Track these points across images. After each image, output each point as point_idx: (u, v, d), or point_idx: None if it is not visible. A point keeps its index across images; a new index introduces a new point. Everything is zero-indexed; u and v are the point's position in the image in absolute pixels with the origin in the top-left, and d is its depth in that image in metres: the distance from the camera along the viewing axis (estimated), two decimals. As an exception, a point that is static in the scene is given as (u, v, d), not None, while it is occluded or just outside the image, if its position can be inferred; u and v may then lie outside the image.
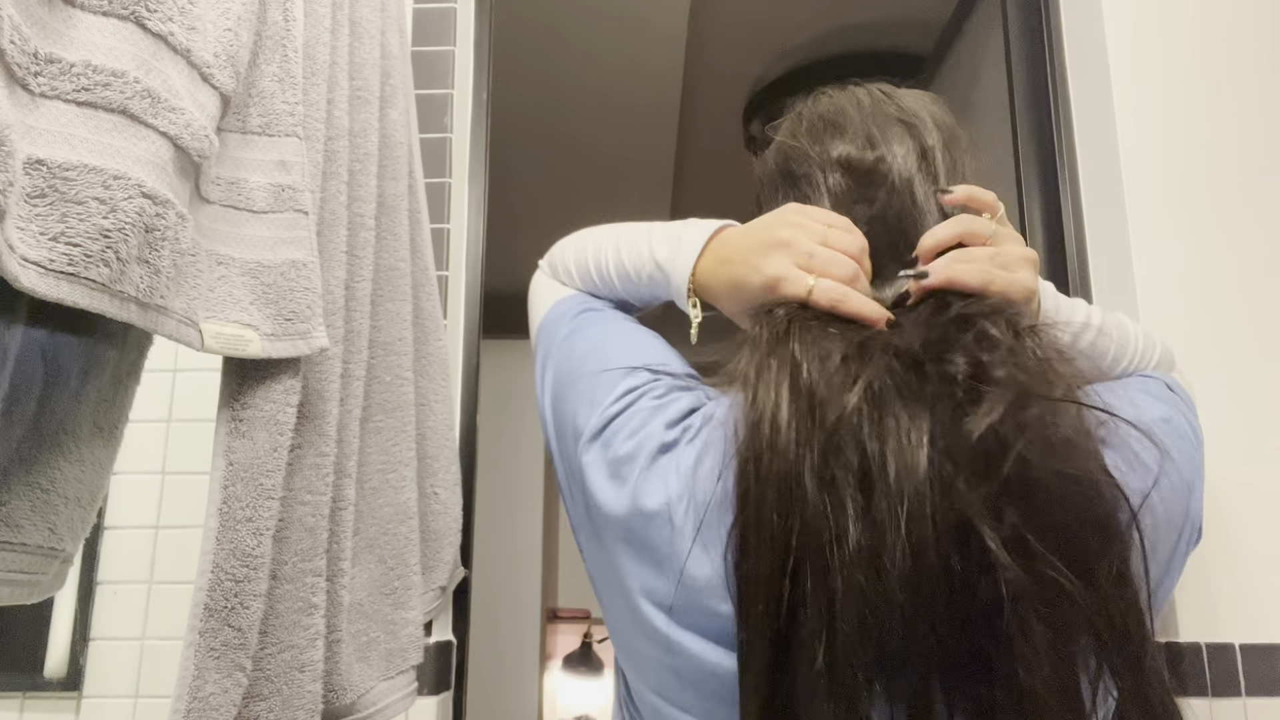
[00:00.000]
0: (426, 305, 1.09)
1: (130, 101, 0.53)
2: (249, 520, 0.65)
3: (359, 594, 0.88)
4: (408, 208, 1.04)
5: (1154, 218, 1.15)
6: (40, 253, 0.47)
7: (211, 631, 0.62)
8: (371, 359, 0.93)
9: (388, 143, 0.99)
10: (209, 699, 0.62)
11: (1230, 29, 1.21)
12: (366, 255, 0.90)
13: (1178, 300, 1.12)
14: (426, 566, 1.05)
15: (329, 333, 0.77)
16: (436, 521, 1.07)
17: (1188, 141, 1.17)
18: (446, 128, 1.30)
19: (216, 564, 0.63)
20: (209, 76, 0.61)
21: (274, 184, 0.71)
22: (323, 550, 0.75)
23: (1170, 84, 1.19)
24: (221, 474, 0.65)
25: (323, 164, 0.81)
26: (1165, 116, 1.18)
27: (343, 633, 0.81)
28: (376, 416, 0.94)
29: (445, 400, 1.12)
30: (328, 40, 0.83)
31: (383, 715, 0.88)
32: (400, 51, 1.07)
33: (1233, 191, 1.16)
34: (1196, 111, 1.18)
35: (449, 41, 1.33)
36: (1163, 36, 1.21)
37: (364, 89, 0.93)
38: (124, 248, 0.51)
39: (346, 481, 0.83)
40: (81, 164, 0.50)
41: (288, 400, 0.69)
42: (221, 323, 0.64)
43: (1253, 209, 1.15)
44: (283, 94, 0.72)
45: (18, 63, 0.47)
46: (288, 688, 0.70)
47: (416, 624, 0.96)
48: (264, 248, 0.69)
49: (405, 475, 0.97)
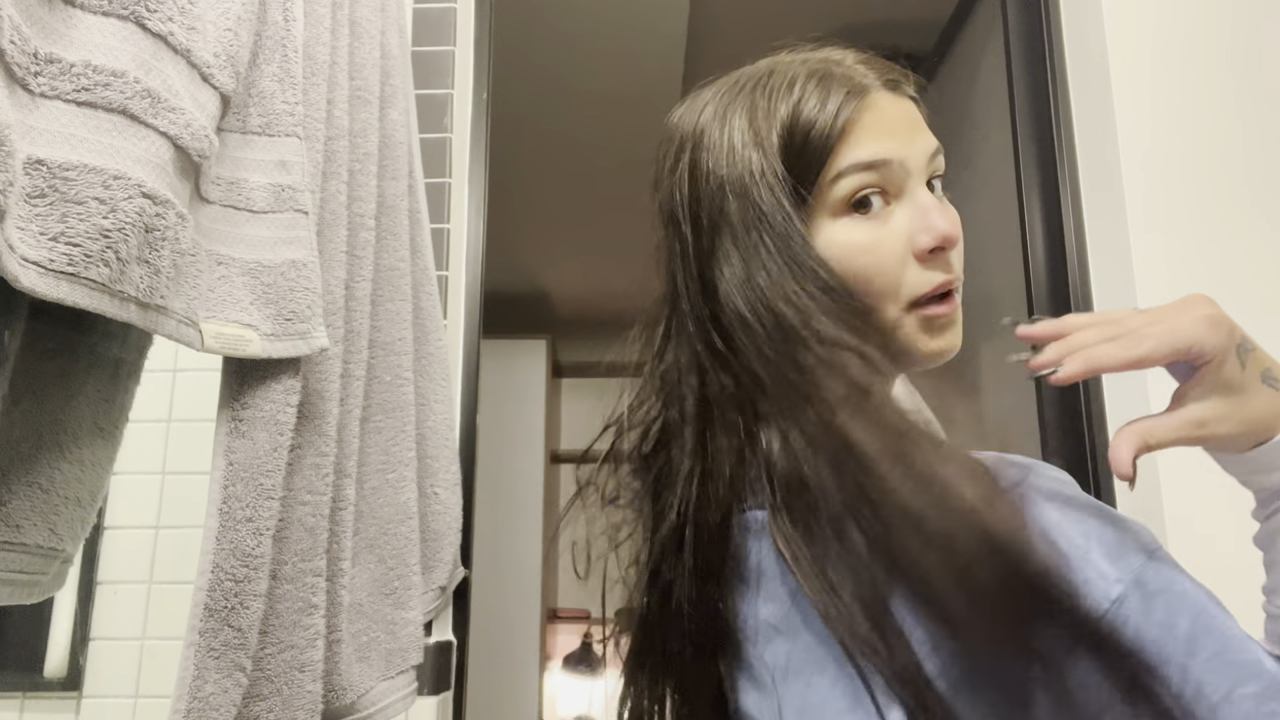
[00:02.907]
0: (426, 305, 1.09)
1: (130, 101, 0.53)
2: (249, 520, 0.65)
3: (359, 594, 0.88)
4: (408, 208, 1.04)
5: (1154, 218, 1.15)
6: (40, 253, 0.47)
7: (211, 631, 0.62)
8: (371, 359, 0.93)
9: (388, 143, 0.99)
10: (209, 699, 0.62)
11: (1230, 29, 1.21)
12: (366, 255, 0.90)
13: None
14: (426, 566, 1.05)
15: (329, 333, 0.77)
16: (436, 521, 1.07)
17: (1188, 142, 1.17)
18: (446, 128, 1.30)
19: (216, 564, 0.63)
20: (209, 76, 0.61)
21: (274, 184, 0.71)
22: (323, 550, 0.75)
23: (1170, 84, 1.19)
24: (221, 474, 0.65)
25: (323, 164, 0.81)
26: (1165, 117, 1.18)
27: (343, 633, 0.81)
28: (376, 416, 0.94)
29: (445, 400, 1.12)
30: (328, 40, 0.83)
31: (383, 715, 0.88)
32: (400, 51, 1.07)
33: (1233, 191, 1.16)
34: (1197, 111, 1.18)
35: (449, 41, 1.33)
36: (1163, 37, 1.21)
37: (364, 89, 0.93)
38: (124, 248, 0.51)
39: (346, 481, 0.83)
40: (81, 164, 0.50)
41: (288, 400, 0.69)
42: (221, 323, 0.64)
43: (1253, 209, 1.15)
44: (283, 94, 0.72)
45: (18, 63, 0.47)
46: (288, 688, 0.70)
47: (416, 624, 0.96)
48: (264, 248, 0.69)
49: (405, 475, 0.97)
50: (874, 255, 0.55)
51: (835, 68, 0.58)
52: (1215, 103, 1.18)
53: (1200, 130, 1.18)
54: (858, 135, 0.55)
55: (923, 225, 0.55)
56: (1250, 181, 1.16)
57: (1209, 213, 1.15)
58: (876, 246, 0.55)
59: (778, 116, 0.56)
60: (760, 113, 0.57)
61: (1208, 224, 1.15)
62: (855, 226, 0.55)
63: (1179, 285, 1.13)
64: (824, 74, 0.57)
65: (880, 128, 0.56)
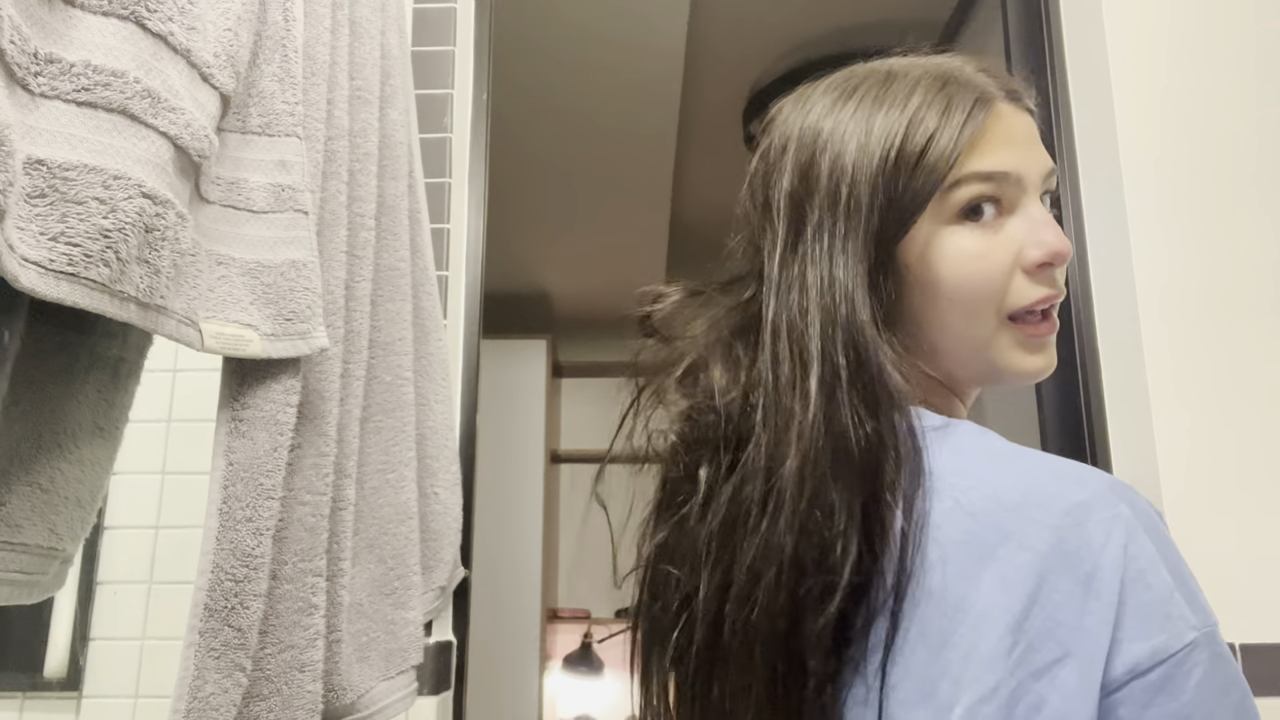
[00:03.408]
0: (426, 305, 1.09)
1: (130, 101, 0.53)
2: (249, 520, 0.65)
3: (359, 594, 0.88)
4: (408, 208, 1.04)
5: (1154, 218, 1.15)
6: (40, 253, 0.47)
7: (211, 631, 0.62)
8: (371, 359, 0.93)
9: (388, 143, 0.99)
10: (209, 699, 0.62)
11: (1231, 29, 1.21)
12: (366, 255, 0.90)
13: (1178, 300, 1.12)
14: (426, 566, 1.05)
15: (329, 333, 0.77)
16: (436, 521, 1.07)
17: (1188, 141, 1.17)
18: (446, 128, 1.30)
19: (216, 564, 0.63)
20: (209, 76, 0.61)
21: (274, 184, 0.71)
22: (323, 550, 0.75)
23: (1170, 83, 1.19)
24: (221, 474, 0.65)
25: (323, 164, 0.81)
26: (1165, 117, 1.18)
27: (343, 633, 0.81)
28: (376, 416, 0.94)
29: (445, 400, 1.12)
30: (328, 40, 0.83)
31: (383, 715, 0.88)
32: (400, 51, 1.07)
33: (1233, 191, 1.15)
34: (1197, 111, 1.18)
35: (449, 41, 1.33)
36: (1163, 37, 1.21)
37: (364, 89, 0.93)
38: (124, 248, 0.51)
39: (346, 481, 0.83)
40: (81, 164, 0.50)
41: (288, 400, 0.69)
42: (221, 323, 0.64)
43: (1253, 208, 1.15)
44: (283, 94, 0.72)
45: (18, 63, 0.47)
46: (288, 688, 0.70)
47: (416, 624, 0.96)
48: (264, 248, 0.69)
49: (405, 475, 0.97)
50: (983, 262, 0.55)
51: (959, 74, 0.58)
52: (1215, 102, 1.18)
53: (1200, 130, 1.18)
54: (981, 145, 0.56)
55: (1035, 239, 0.55)
56: (1251, 181, 1.16)
57: (1209, 213, 1.15)
58: (987, 254, 0.55)
59: (903, 120, 0.56)
60: (884, 115, 0.57)
61: (1208, 224, 1.15)
62: (967, 233, 0.56)
63: (1179, 285, 1.13)
64: (948, 80, 0.58)
65: (1002, 139, 0.56)
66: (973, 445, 0.52)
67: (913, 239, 0.56)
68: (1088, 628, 0.44)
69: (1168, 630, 0.44)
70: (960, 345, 0.57)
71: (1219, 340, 1.10)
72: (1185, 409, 1.08)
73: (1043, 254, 0.55)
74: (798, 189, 0.58)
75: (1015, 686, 0.45)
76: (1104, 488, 0.48)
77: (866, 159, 0.56)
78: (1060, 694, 0.44)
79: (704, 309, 0.64)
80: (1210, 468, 1.07)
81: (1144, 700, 0.44)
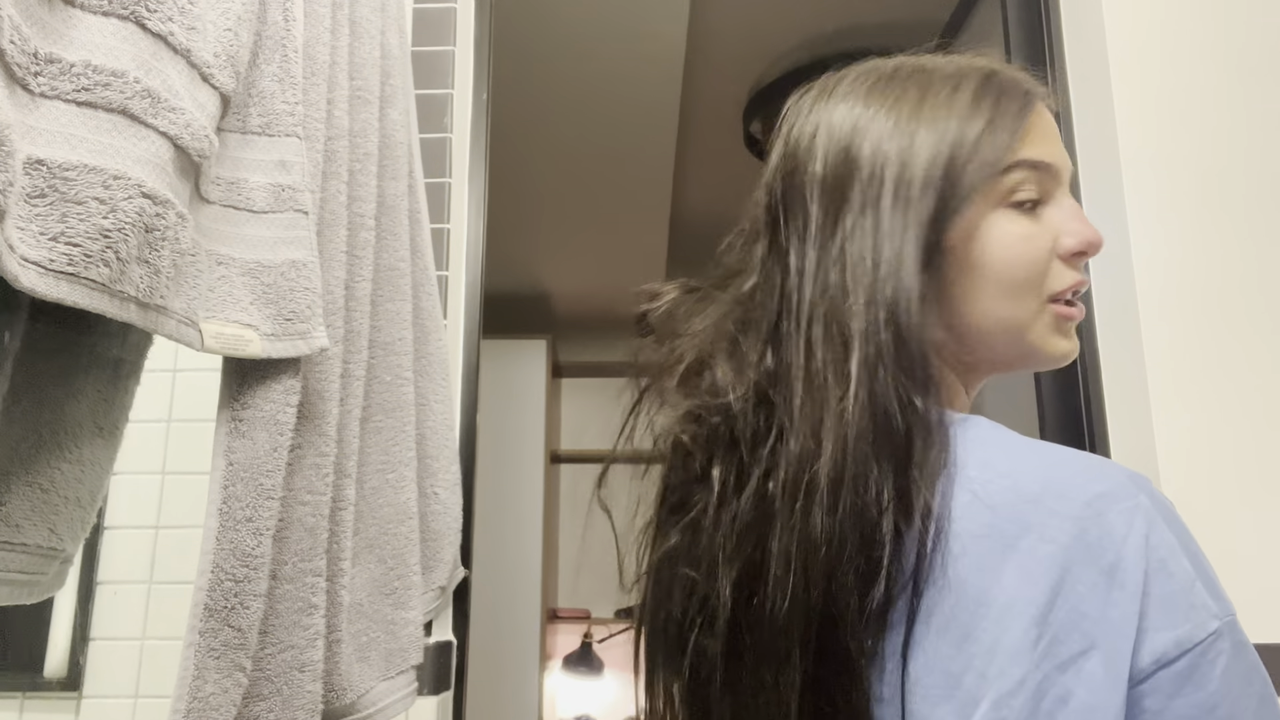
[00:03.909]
0: (426, 305, 1.09)
1: (130, 101, 0.53)
2: (249, 520, 0.65)
3: (359, 594, 0.88)
4: (408, 208, 1.04)
5: (1154, 216, 1.15)
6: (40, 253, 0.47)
7: (211, 631, 0.62)
8: (371, 359, 0.93)
9: (388, 143, 0.99)
10: (209, 699, 0.62)
11: (1231, 29, 1.21)
12: (366, 255, 0.90)
13: (1177, 299, 1.12)
14: (426, 566, 1.05)
15: (329, 333, 0.77)
16: (436, 521, 1.07)
17: (1188, 141, 1.17)
18: (446, 128, 1.30)
19: (216, 564, 0.63)
20: (209, 76, 0.61)
21: (274, 184, 0.71)
22: (323, 550, 0.75)
23: (1170, 83, 1.19)
24: (221, 474, 0.65)
25: (323, 164, 0.81)
26: (1165, 116, 1.18)
27: (343, 633, 0.81)
28: (376, 416, 0.94)
29: (445, 400, 1.12)
30: (328, 40, 0.83)
31: (383, 715, 0.88)
32: (400, 51, 1.07)
33: (1233, 191, 1.15)
34: (1197, 111, 1.18)
35: (449, 41, 1.33)
36: (1163, 37, 1.21)
37: (364, 89, 0.93)
38: (124, 248, 0.51)
39: (346, 481, 0.83)
40: (81, 164, 0.50)
41: (288, 400, 0.69)
42: (221, 323, 0.64)
43: (1254, 208, 1.15)
44: (283, 94, 0.72)
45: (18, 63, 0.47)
46: (288, 688, 0.70)
47: (416, 624, 0.96)
48: (264, 248, 0.69)
49: (405, 475, 0.97)
50: (1030, 245, 0.58)
51: (1003, 70, 0.61)
52: (1216, 102, 1.18)
53: (1201, 130, 1.18)
54: (1031, 136, 0.58)
55: (1070, 229, 0.58)
56: (1251, 181, 1.16)
57: (1209, 212, 1.15)
58: (1033, 238, 0.58)
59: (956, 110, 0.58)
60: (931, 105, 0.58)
61: (1208, 223, 1.15)
62: (1015, 217, 0.58)
63: (1179, 285, 1.13)
64: (993, 73, 0.60)
65: (1045, 133, 0.60)
66: (990, 439, 0.53)
67: (959, 222, 0.57)
68: (1112, 619, 0.44)
69: (1192, 619, 0.45)
70: (999, 327, 0.58)
71: (1219, 339, 1.10)
72: (1185, 408, 1.08)
73: (1077, 243, 0.58)
74: (836, 173, 0.58)
75: (1041, 679, 0.44)
76: (1124, 478, 0.48)
77: (919, 144, 0.57)
78: (1087, 686, 0.44)
79: (702, 305, 0.64)
80: (1210, 466, 1.07)
81: (1171, 690, 0.44)
